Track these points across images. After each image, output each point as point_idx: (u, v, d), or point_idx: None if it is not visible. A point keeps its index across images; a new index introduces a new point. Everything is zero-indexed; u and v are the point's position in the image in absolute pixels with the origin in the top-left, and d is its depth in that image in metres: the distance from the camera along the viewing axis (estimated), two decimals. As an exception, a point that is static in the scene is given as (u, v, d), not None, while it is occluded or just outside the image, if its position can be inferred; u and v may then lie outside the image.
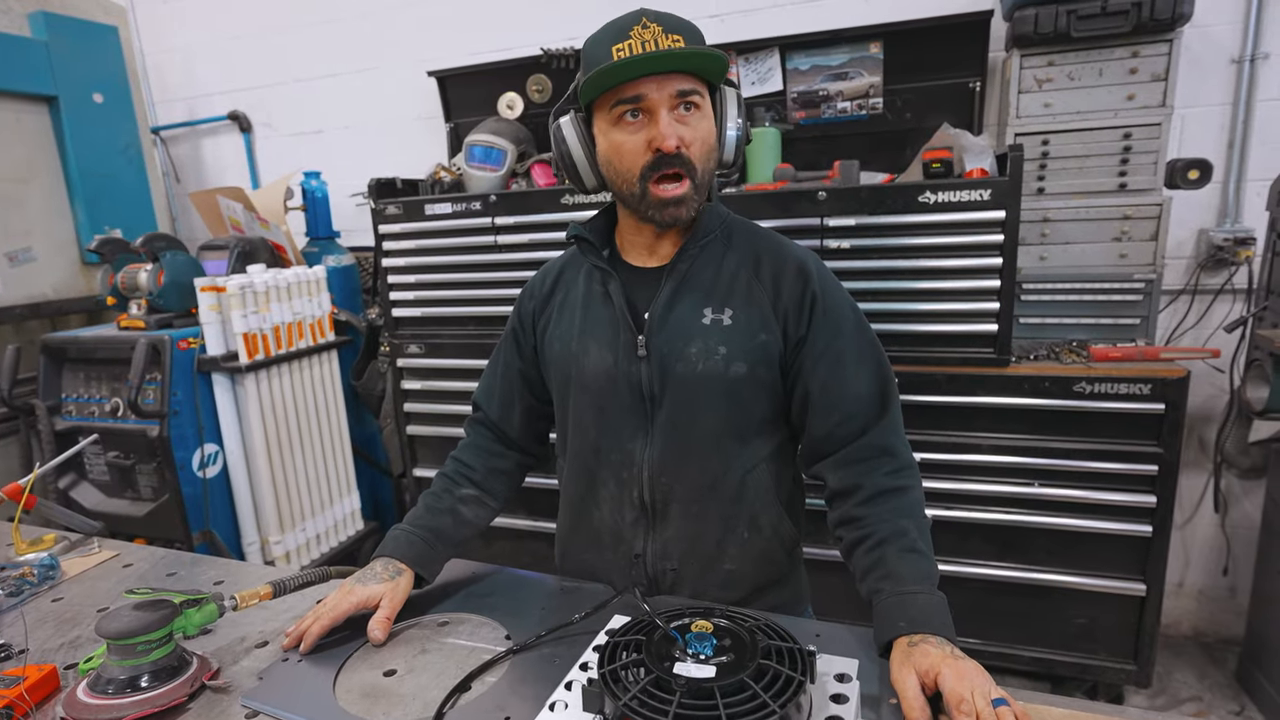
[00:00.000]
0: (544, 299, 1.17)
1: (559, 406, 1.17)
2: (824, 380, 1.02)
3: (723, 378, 1.02)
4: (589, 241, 1.08)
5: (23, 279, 2.68)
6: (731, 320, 1.03)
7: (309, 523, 2.56)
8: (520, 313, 1.20)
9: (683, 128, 0.96)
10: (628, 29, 0.94)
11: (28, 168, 2.69)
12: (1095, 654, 2.04)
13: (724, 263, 1.06)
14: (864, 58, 2.31)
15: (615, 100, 0.96)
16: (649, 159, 0.96)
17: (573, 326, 1.11)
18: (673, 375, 1.03)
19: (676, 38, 0.93)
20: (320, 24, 3.17)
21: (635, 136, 0.97)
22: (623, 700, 0.69)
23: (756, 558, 1.09)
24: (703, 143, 0.98)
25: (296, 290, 2.47)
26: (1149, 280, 2.05)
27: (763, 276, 1.05)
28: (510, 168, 2.47)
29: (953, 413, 2.01)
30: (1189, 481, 2.39)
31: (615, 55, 0.93)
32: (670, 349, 1.03)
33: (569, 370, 1.11)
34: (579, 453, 1.13)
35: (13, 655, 0.96)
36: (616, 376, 1.06)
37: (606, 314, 1.08)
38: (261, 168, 3.47)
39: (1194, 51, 2.15)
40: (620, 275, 1.08)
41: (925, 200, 1.92)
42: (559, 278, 1.17)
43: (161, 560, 1.26)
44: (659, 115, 0.95)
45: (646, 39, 0.93)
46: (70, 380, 2.48)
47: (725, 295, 1.04)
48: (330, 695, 0.84)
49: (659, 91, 0.94)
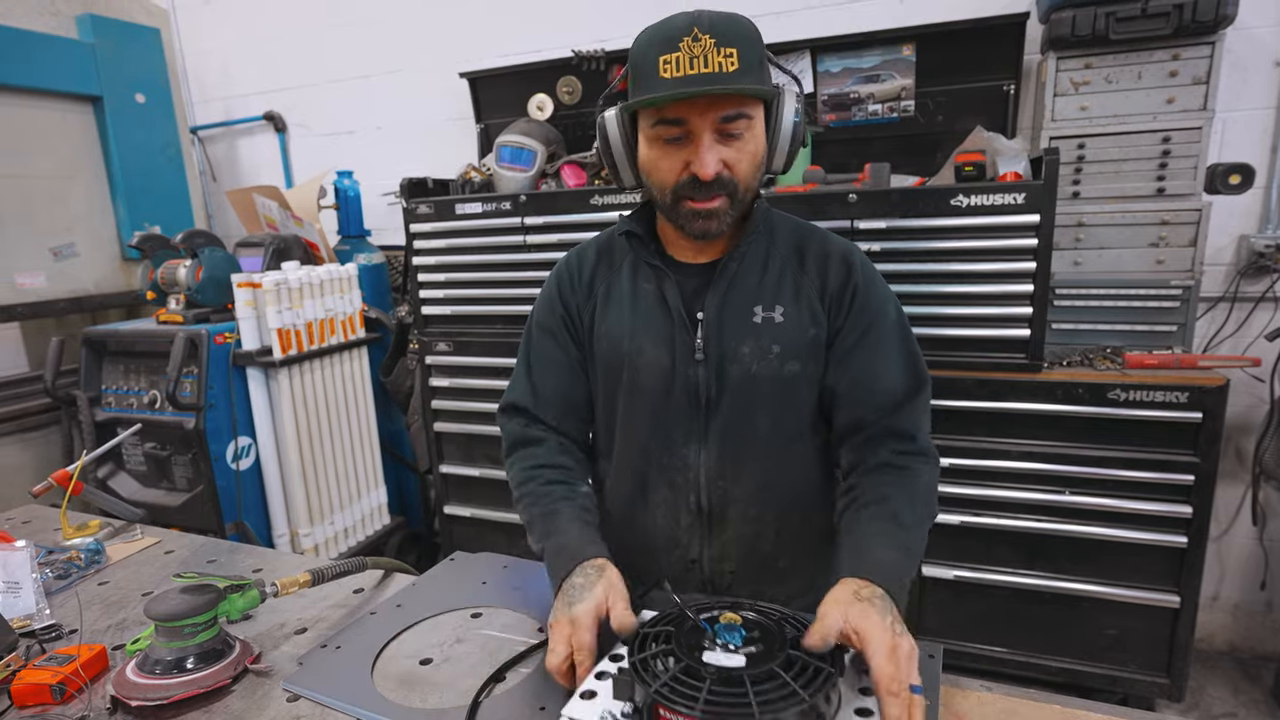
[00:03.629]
0: (586, 290, 1.13)
1: (604, 404, 1.14)
2: (855, 373, 1.02)
3: (777, 377, 1.01)
4: (639, 236, 1.07)
5: (66, 273, 2.76)
6: (783, 317, 1.02)
7: (337, 516, 2.60)
8: (564, 303, 1.14)
9: (726, 150, 0.93)
10: (678, 39, 0.88)
11: (73, 165, 2.77)
12: (1126, 666, 2.00)
13: (770, 259, 1.05)
14: (896, 60, 2.29)
15: (657, 119, 0.93)
16: (685, 179, 0.94)
17: (622, 323, 1.08)
18: (728, 378, 1.02)
19: (730, 52, 0.87)
20: (354, 26, 3.22)
21: (673, 157, 0.94)
22: (653, 688, 0.69)
23: (809, 553, 1.09)
24: (749, 161, 0.95)
25: (329, 287, 2.51)
26: (1186, 287, 2.01)
27: (808, 269, 1.04)
28: (540, 168, 2.49)
29: (982, 418, 1.99)
30: (1226, 493, 2.34)
31: (661, 68, 0.88)
32: (725, 350, 1.02)
33: (620, 370, 1.08)
34: (625, 454, 1.12)
35: (63, 635, 1.00)
36: (674, 379, 1.04)
37: (660, 312, 1.05)
38: (295, 167, 3.53)
39: (1236, 54, 2.11)
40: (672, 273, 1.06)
41: (958, 204, 1.90)
42: (596, 268, 1.13)
43: (202, 548, 1.29)
44: (700, 141, 0.91)
45: (696, 54, 0.87)
46: (110, 372, 2.54)
47: (775, 292, 1.03)
48: (369, 682, 0.86)
49: (702, 117, 0.90)
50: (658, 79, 0.89)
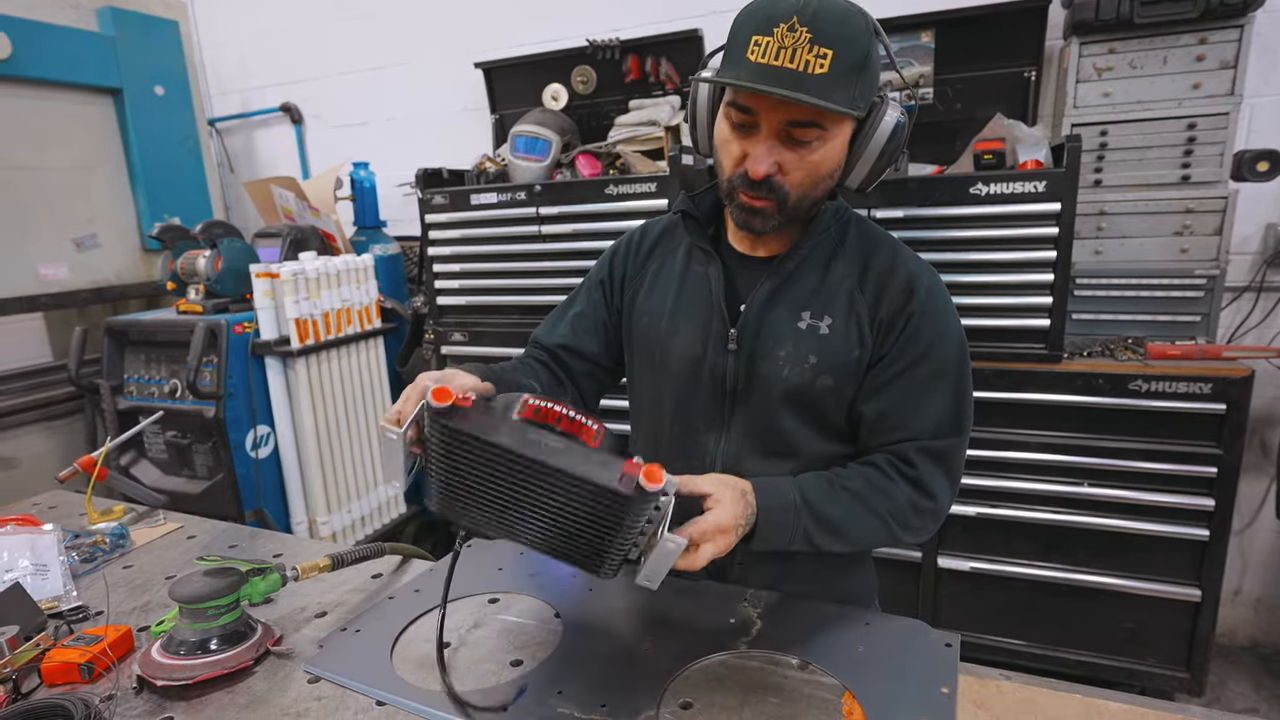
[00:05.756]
0: (641, 262, 1.13)
1: (635, 381, 1.15)
2: (885, 406, 0.98)
3: (808, 388, 0.98)
4: (695, 219, 1.05)
5: (88, 264, 2.79)
6: (829, 330, 0.98)
7: (354, 504, 2.63)
8: (613, 267, 1.15)
9: (786, 153, 0.89)
10: (776, 22, 0.83)
11: (93, 157, 2.81)
12: (1145, 660, 1.98)
13: (831, 267, 1.01)
14: (914, 47, 2.26)
15: (731, 99, 0.91)
16: (739, 171, 0.92)
17: (664, 303, 1.08)
18: (757, 374, 1.00)
19: (824, 52, 0.82)
20: (370, 17, 3.23)
21: (735, 144, 0.92)
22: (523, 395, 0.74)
23: (824, 557, 1.08)
24: (809, 172, 0.91)
25: (345, 277, 2.53)
26: (1211, 276, 1.98)
27: (867, 287, 0.99)
28: (555, 158, 2.49)
29: (1000, 409, 1.97)
30: (1249, 486, 2.30)
31: (750, 48, 0.84)
32: (760, 346, 1.00)
33: (654, 349, 1.08)
34: (649, 431, 1.13)
35: (89, 616, 1.01)
36: (702, 365, 1.03)
37: (702, 298, 1.05)
38: (311, 158, 3.56)
39: (1265, 38, 2.06)
40: (723, 260, 1.04)
41: (977, 192, 1.88)
42: (657, 243, 1.13)
43: (223, 533, 1.31)
44: (761, 137, 0.89)
45: (786, 45, 0.82)
46: (132, 362, 2.58)
47: (826, 302, 0.99)
48: (388, 664, 0.87)
49: (771, 114, 0.87)
50: (743, 59, 0.85)
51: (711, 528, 0.82)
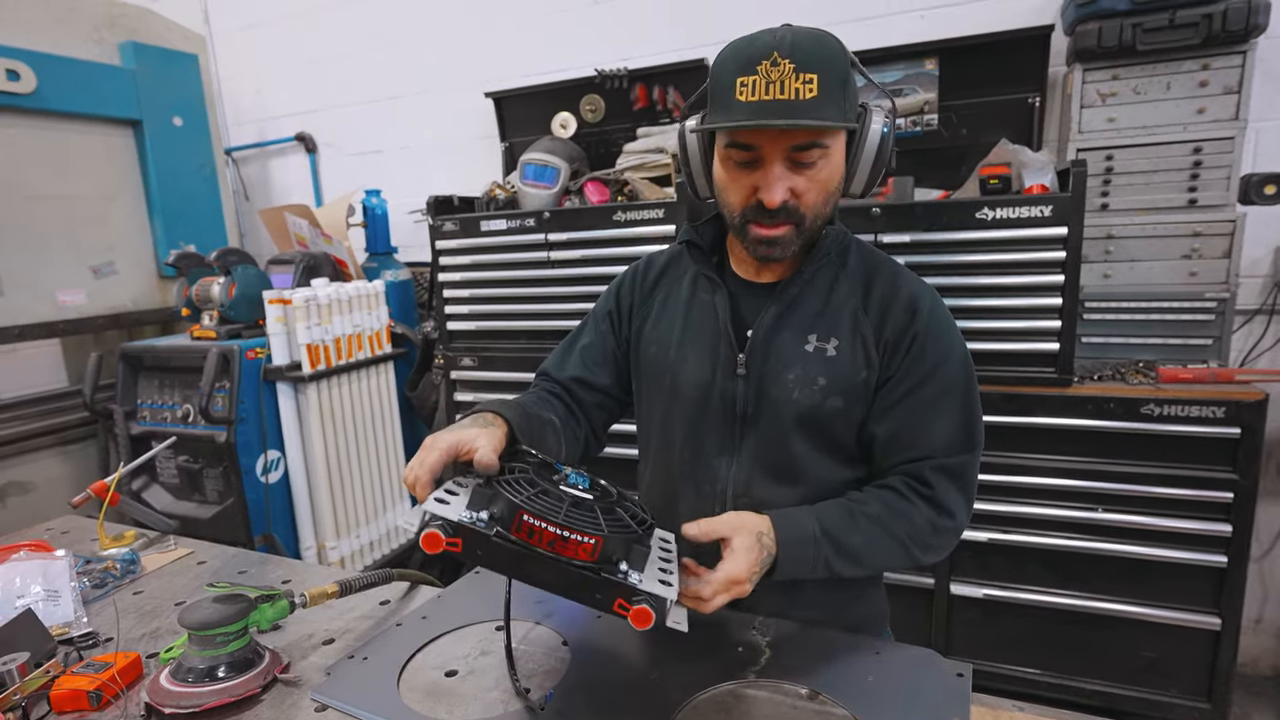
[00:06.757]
0: (647, 292, 1.15)
1: (645, 410, 1.15)
2: (896, 426, 0.99)
3: (818, 410, 0.99)
4: (700, 248, 1.07)
5: (105, 290, 2.84)
6: (836, 352, 1.00)
7: (363, 529, 2.63)
8: (619, 298, 1.17)
9: (796, 179, 0.92)
10: (757, 60, 0.86)
11: (113, 186, 2.87)
12: (1165, 690, 1.94)
13: (835, 289, 1.03)
14: (919, 74, 2.29)
15: (729, 140, 0.93)
16: (752, 204, 0.94)
17: (672, 331, 1.09)
18: (767, 398, 1.01)
19: (810, 78, 0.85)
20: (382, 49, 3.31)
21: (743, 180, 0.94)
22: (520, 498, 0.73)
23: (834, 582, 1.07)
24: (820, 190, 0.94)
25: (357, 303, 2.56)
26: (1221, 299, 1.97)
27: (870, 309, 1.01)
28: (564, 185, 2.52)
29: (1011, 433, 1.95)
30: (1267, 511, 2.27)
31: (738, 90, 0.87)
32: (768, 371, 1.01)
33: (663, 377, 1.09)
34: (660, 458, 1.13)
35: (99, 642, 1.02)
36: (712, 391, 1.04)
37: (709, 325, 1.06)
38: (325, 186, 3.62)
39: (1269, 63, 2.08)
40: (728, 287, 1.06)
41: (983, 217, 1.89)
42: (663, 274, 1.15)
43: (233, 559, 1.32)
44: (770, 168, 0.91)
45: (773, 80, 0.86)
46: (145, 387, 2.61)
47: (832, 324, 1.01)
48: (395, 693, 0.87)
49: (774, 145, 0.90)
50: (733, 101, 0.88)
51: (723, 581, 0.83)
